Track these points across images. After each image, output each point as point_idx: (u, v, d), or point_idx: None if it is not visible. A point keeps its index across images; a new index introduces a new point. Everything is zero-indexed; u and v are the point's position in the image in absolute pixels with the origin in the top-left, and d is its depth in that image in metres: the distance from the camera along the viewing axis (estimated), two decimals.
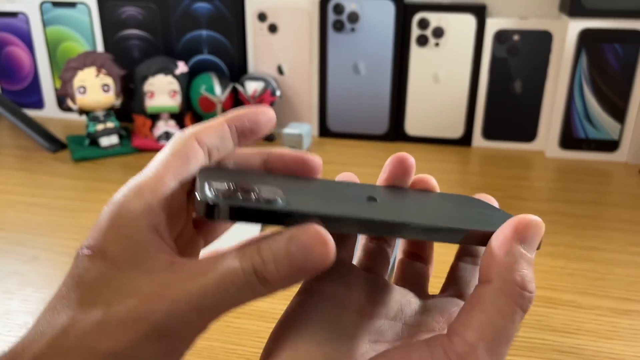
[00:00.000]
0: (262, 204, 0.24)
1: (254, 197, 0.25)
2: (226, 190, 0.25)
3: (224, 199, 0.24)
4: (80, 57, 0.84)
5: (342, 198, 0.29)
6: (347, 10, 0.85)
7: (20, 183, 0.76)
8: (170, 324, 0.22)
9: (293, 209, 0.24)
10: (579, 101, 0.82)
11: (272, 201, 0.25)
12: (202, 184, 0.25)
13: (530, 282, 0.24)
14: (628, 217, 0.67)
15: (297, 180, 0.30)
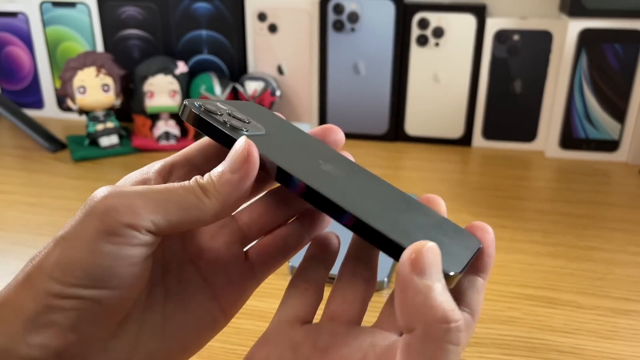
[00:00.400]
0: (221, 125, 0.29)
1: (223, 120, 0.29)
2: (211, 108, 0.30)
3: (198, 108, 0.29)
4: (80, 57, 0.84)
5: (304, 157, 0.30)
6: (347, 10, 0.85)
7: (20, 183, 0.76)
8: (119, 209, 0.25)
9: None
10: (579, 101, 0.82)
11: (234, 128, 0.29)
12: (206, 101, 0.31)
13: (452, 311, 0.22)
14: (628, 217, 0.67)
15: (293, 132, 0.33)
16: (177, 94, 0.86)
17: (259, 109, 0.34)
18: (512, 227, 0.65)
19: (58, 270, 0.25)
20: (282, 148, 0.31)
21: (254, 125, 0.31)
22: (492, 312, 0.50)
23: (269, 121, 0.33)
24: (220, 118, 0.30)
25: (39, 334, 0.24)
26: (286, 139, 0.32)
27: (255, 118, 0.32)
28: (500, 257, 0.59)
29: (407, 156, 0.86)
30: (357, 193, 0.29)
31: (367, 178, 0.32)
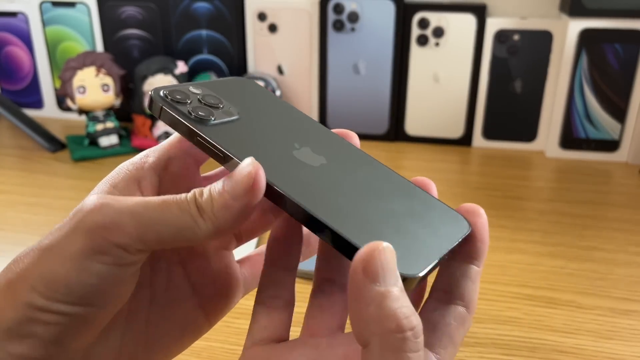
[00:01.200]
0: (184, 117, 0.27)
1: (187, 110, 0.28)
2: (178, 96, 0.28)
3: (163, 98, 0.28)
4: (79, 56, 0.84)
5: (276, 143, 0.28)
6: (347, 10, 0.85)
7: (20, 183, 0.76)
8: (110, 228, 0.24)
9: (204, 135, 0.27)
10: (579, 101, 0.82)
11: (200, 119, 0.27)
12: (174, 86, 0.29)
13: (407, 317, 0.21)
14: (628, 217, 0.67)
15: (275, 110, 0.31)
16: None
17: (241, 85, 0.32)
18: (512, 227, 0.65)
19: (42, 284, 0.24)
20: (252, 134, 0.28)
21: (226, 110, 0.29)
22: (492, 312, 0.50)
23: (249, 99, 0.31)
24: (185, 108, 0.28)
25: (20, 344, 0.24)
26: (263, 120, 0.30)
27: (231, 99, 0.30)
28: (500, 257, 0.59)
29: (407, 156, 0.86)
30: (326, 182, 0.27)
31: (352, 161, 0.29)
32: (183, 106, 0.28)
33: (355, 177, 0.28)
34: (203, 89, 0.30)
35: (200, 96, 0.29)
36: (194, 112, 0.28)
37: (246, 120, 0.29)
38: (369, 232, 0.24)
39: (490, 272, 0.56)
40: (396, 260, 0.21)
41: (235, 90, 0.31)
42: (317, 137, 0.30)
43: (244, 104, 0.30)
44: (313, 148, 0.29)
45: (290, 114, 0.31)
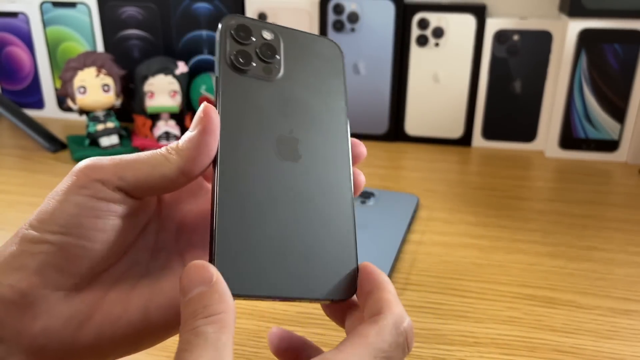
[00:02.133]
0: (219, 60, 0.29)
1: (233, 53, 0.29)
2: (240, 34, 0.30)
3: (224, 30, 0.29)
4: (80, 57, 0.85)
5: (275, 122, 0.29)
6: (347, 10, 0.85)
7: (21, 183, 0.76)
8: (92, 167, 0.29)
9: (218, 81, 0.29)
10: (578, 101, 0.82)
11: (236, 67, 0.29)
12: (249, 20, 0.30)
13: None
14: (628, 217, 0.67)
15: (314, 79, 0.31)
16: (177, 94, 0.86)
17: (324, 49, 0.32)
18: (511, 227, 0.65)
19: (35, 219, 0.29)
20: (260, 102, 0.29)
21: (269, 68, 0.30)
22: (491, 311, 0.51)
23: (307, 66, 0.31)
24: (234, 47, 0.29)
25: (11, 274, 0.28)
26: (288, 93, 0.30)
27: (292, 58, 0.30)
28: (500, 257, 0.59)
29: (407, 156, 0.86)
30: (266, 183, 0.28)
31: (318, 168, 0.29)
32: (234, 45, 0.29)
33: (291, 189, 0.28)
34: (276, 35, 0.31)
35: (263, 43, 0.30)
36: (234, 56, 0.29)
37: (273, 87, 0.30)
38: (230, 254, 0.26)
39: (490, 272, 0.56)
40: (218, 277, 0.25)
41: (310, 51, 0.31)
42: (319, 135, 0.30)
43: (296, 69, 0.30)
44: (301, 143, 0.29)
45: (325, 101, 0.31)
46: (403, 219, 0.64)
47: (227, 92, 0.29)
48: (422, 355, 0.46)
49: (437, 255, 0.59)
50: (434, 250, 0.60)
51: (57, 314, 0.28)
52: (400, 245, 0.59)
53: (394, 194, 0.70)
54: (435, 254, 0.59)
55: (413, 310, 0.51)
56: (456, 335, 0.48)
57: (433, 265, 0.57)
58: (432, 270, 0.57)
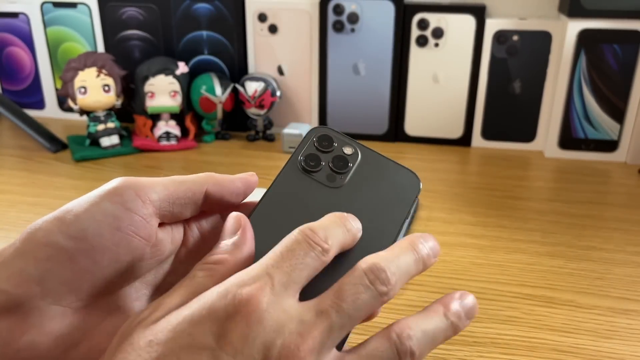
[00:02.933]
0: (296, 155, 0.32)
1: (305, 153, 0.32)
2: (326, 143, 0.32)
3: (310, 137, 0.32)
4: (81, 57, 0.85)
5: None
6: (347, 10, 0.85)
7: (21, 183, 0.77)
8: (133, 182, 0.29)
9: (277, 180, 0.31)
10: (578, 101, 0.82)
11: (303, 167, 0.32)
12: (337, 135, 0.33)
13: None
14: (627, 217, 0.68)
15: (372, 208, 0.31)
16: (177, 94, 0.86)
17: (398, 171, 0.33)
18: (511, 227, 0.65)
19: (55, 218, 0.27)
20: (307, 204, 0.30)
21: (336, 176, 0.31)
22: (491, 311, 0.51)
23: (376, 182, 0.32)
24: (310, 151, 0.32)
25: (8, 279, 0.25)
26: (341, 201, 0.31)
27: (363, 173, 0.32)
28: (500, 257, 0.59)
29: (407, 156, 0.86)
30: None
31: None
32: (312, 148, 0.32)
33: None
34: (355, 152, 0.33)
35: (339, 155, 0.32)
36: (306, 157, 0.32)
37: (329, 194, 0.31)
38: None
39: (490, 272, 0.56)
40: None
41: (384, 175, 0.32)
42: (353, 252, 0.29)
43: (360, 185, 0.32)
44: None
45: (376, 223, 0.31)
46: None
47: (282, 181, 0.31)
48: None
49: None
50: None
51: (48, 331, 0.26)
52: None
53: None
54: None
55: (413, 310, 0.51)
56: (456, 335, 0.48)
57: (433, 265, 0.57)
58: (431, 270, 0.57)
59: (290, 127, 0.87)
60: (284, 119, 0.93)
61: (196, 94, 0.88)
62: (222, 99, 0.87)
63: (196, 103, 0.88)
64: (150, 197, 0.28)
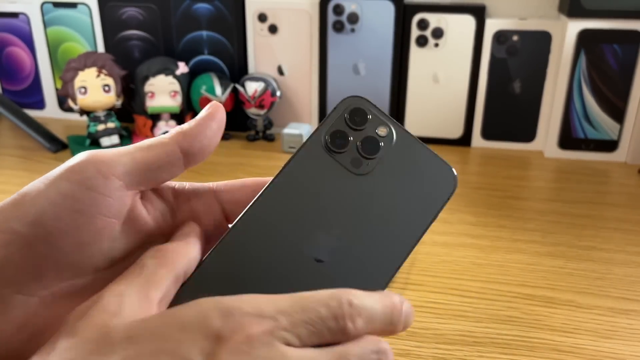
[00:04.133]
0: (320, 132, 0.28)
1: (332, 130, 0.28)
2: (358, 119, 0.28)
3: (345, 107, 0.28)
4: (81, 57, 0.85)
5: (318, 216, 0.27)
6: (347, 10, 0.85)
7: (22, 183, 0.76)
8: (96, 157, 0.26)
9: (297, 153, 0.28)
10: (578, 101, 0.82)
11: (327, 147, 0.28)
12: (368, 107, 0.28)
13: None
14: (627, 217, 0.68)
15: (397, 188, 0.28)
16: (177, 94, 0.86)
17: (434, 163, 0.28)
18: (511, 227, 0.65)
19: (10, 202, 0.25)
20: (325, 191, 0.27)
21: (362, 161, 0.27)
22: (491, 311, 0.51)
23: (407, 173, 0.28)
24: (338, 127, 0.27)
25: None
26: (363, 191, 0.27)
27: (394, 160, 0.27)
28: (500, 257, 0.59)
29: None
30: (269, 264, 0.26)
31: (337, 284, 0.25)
32: (341, 124, 0.28)
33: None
34: (390, 134, 0.28)
35: (370, 136, 0.28)
36: (332, 134, 0.28)
37: (350, 181, 0.27)
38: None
39: (490, 272, 0.56)
40: None
41: (418, 166, 0.28)
42: (366, 252, 0.27)
43: (388, 175, 0.28)
44: (338, 249, 0.27)
45: (400, 220, 0.27)
46: None
47: (301, 158, 0.27)
48: (421, 354, 0.46)
49: (437, 255, 0.60)
50: (434, 250, 0.60)
51: (11, 319, 0.25)
52: None
53: None
54: (435, 254, 0.60)
55: (414, 309, 0.51)
56: (456, 335, 0.48)
57: (433, 265, 0.57)
58: (432, 270, 0.57)
59: (290, 127, 0.87)
60: (283, 119, 0.93)
61: (196, 94, 0.88)
62: (222, 99, 0.87)
63: (196, 103, 0.88)
64: (115, 171, 0.26)
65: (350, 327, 0.24)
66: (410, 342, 0.47)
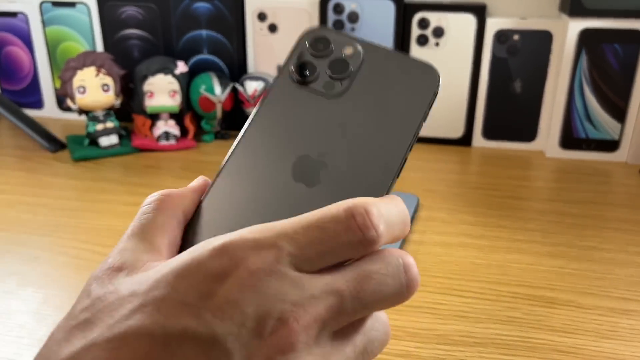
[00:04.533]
0: (287, 63, 0.28)
1: (297, 61, 0.28)
2: (322, 46, 0.28)
3: (305, 36, 0.28)
4: (79, 56, 0.84)
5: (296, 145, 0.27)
6: (347, 10, 0.85)
7: (20, 183, 0.76)
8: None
9: (269, 91, 0.28)
10: (579, 101, 0.82)
11: (291, 77, 0.27)
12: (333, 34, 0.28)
13: None
14: (628, 217, 0.67)
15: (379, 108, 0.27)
16: (176, 93, 0.86)
17: (413, 66, 0.28)
18: (511, 227, 0.65)
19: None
20: (303, 120, 0.27)
21: (335, 83, 0.27)
22: (491, 311, 0.50)
23: (386, 83, 0.27)
24: (303, 57, 0.27)
25: None
26: (342, 111, 0.27)
27: (369, 75, 0.27)
28: (500, 257, 0.59)
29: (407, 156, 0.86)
30: (263, 197, 0.26)
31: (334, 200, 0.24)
32: (306, 55, 0.27)
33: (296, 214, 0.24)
34: (357, 51, 0.28)
35: (338, 57, 0.27)
36: (298, 65, 0.27)
37: (328, 105, 0.27)
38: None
39: (490, 272, 0.56)
40: None
41: (396, 74, 0.28)
42: (358, 167, 0.26)
43: (366, 90, 0.27)
44: (328, 170, 0.26)
45: (385, 132, 0.27)
46: None
47: (272, 99, 0.27)
48: (421, 355, 0.45)
49: (437, 255, 0.59)
50: (434, 250, 0.60)
51: None
52: (401, 246, 0.59)
53: (393, 193, 0.69)
54: (435, 254, 0.59)
55: (413, 310, 0.51)
56: (456, 335, 0.48)
57: (433, 265, 0.57)
58: (432, 270, 0.56)
59: None
60: None
61: (195, 93, 0.87)
62: (221, 99, 0.87)
63: (195, 102, 0.88)
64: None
65: (372, 235, 0.22)
66: (410, 342, 0.47)
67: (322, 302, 0.21)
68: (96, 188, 0.75)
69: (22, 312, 0.50)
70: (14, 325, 0.49)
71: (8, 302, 0.52)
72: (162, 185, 0.75)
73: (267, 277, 0.21)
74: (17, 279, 0.55)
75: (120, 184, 0.76)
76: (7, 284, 0.55)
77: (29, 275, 0.56)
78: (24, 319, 0.50)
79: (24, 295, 0.53)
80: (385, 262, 0.23)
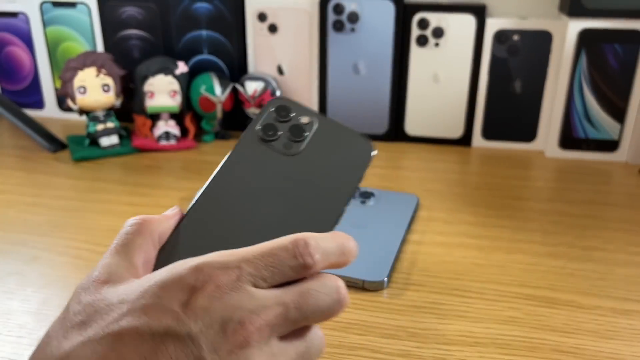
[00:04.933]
0: (255, 123, 0.35)
1: (264, 122, 0.35)
2: (284, 113, 0.34)
3: (271, 104, 0.35)
4: (80, 57, 0.84)
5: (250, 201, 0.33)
6: (347, 10, 0.85)
7: (20, 183, 0.76)
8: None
9: (238, 144, 0.35)
10: (578, 101, 0.82)
11: (258, 136, 0.35)
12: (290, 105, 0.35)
13: None
14: (628, 217, 0.67)
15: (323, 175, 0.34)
16: (177, 94, 0.86)
17: (352, 137, 0.34)
18: (511, 227, 0.65)
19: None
20: (264, 174, 0.33)
21: (292, 144, 0.33)
22: (491, 311, 0.50)
23: (331, 148, 0.34)
24: (268, 120, 0.34)
25: None
26: (297, 167, 0.33)
27: (319, 140, 0.33)
28: (500, 257, 0.59)
29: (407, 156, 0.86)
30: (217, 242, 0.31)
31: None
32: (270, 118, 0.34)
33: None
34: (312, 120, 0.34)
35: (296, 124, 0.34)
36: (264, 126, 0.34)
37: (285, 162, 0.33)
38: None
39: (490, 272, 0.56)
40: None
41: (339, 141, 0.34)
42: (301, 216, 0.32)
43: (315, 152, 0.34)
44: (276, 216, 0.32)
45: (329, 188, 0.33)
46: (403, 219, 0.64)
47: (239, 151, 0.34)
48: (422, 355, 0.46)
49: (437, 255, 0.59)
50: (434, 250, 0.60)
51: None
52: (400, 246, 0.59)
53: (393, 194, 0.69)
54: (435, 254, 0.59)
55: (413, 310, 0.51)
56: (456, 335, 0.48)
57: (433, 265, 0.57)
58: (432, 270, 0.56)
59: None
60: None
61: (196, 93, 0.87)
62: (221, 99, 0.87)
63: (196, 103, 0.88)
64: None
65: (309, 261, 0.28)
66: (410, 342, 0.47)
67: (272, 311, 0.27)
68: (96, 188, 0.75)
69: (22, 312, 0.50)
70: (14, 325, 0.49)
71: (8, 302, 0.52)
72: (162, 185, 0.75)
73: (231, 291, 0.27)
74: (17, 279, 0.55)
75: (120, 184, 0.76)
76: (7, 284, 0.55)
77: (29, 275, 0.56)
78: (24, 319, 0.50)
79: (24, 295, 0.53)
80: (322, 282, 0.29)
